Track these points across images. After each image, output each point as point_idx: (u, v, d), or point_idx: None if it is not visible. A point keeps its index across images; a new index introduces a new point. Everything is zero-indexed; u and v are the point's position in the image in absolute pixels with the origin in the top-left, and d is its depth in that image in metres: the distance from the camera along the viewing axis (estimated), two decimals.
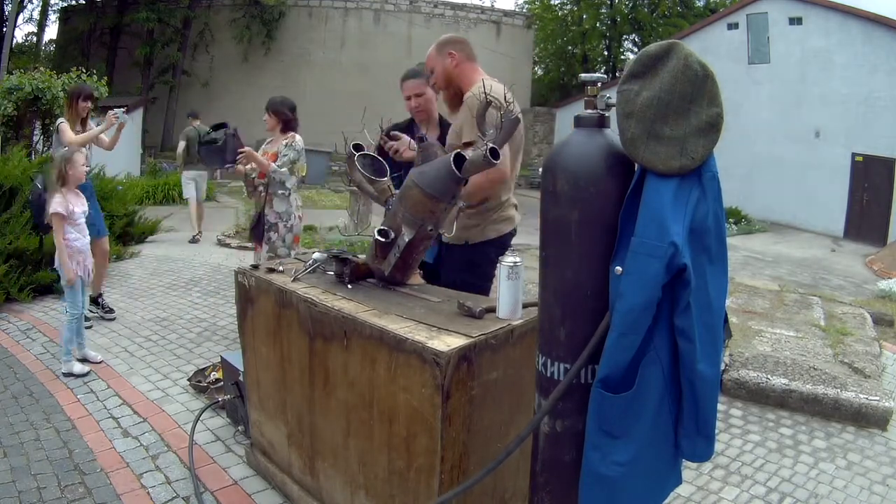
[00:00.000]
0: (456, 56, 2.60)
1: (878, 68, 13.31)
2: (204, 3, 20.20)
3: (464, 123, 2.46)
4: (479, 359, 1.70)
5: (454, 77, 2.62)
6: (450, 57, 2.60)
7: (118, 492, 2.40)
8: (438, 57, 2.62)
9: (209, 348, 3.99)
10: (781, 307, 5.47)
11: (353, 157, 2.20)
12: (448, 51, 2.60)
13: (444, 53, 2.61)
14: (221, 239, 7.90)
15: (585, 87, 1.45)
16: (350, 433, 1.96)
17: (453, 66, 2.60)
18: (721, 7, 20.75)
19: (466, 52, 2.64)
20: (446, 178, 1.96)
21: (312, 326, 2.04)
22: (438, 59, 2.62)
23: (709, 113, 1.31)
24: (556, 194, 1.40)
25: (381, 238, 2.04)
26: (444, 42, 2.66)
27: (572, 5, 25.92)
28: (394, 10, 21.03)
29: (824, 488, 2.74)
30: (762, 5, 15.68)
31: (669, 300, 1.33)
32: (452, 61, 2.60)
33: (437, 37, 2.76)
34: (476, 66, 2.66)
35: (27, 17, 22.28)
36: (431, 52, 2.67)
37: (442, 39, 2.69)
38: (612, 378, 1.34)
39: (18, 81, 7.35)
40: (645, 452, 1.38)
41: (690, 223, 1.31)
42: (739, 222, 14.48)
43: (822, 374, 3.64)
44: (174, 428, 2.92)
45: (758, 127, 15.47)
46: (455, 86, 2.63)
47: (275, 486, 2.46)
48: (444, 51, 2.61)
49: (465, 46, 2.65)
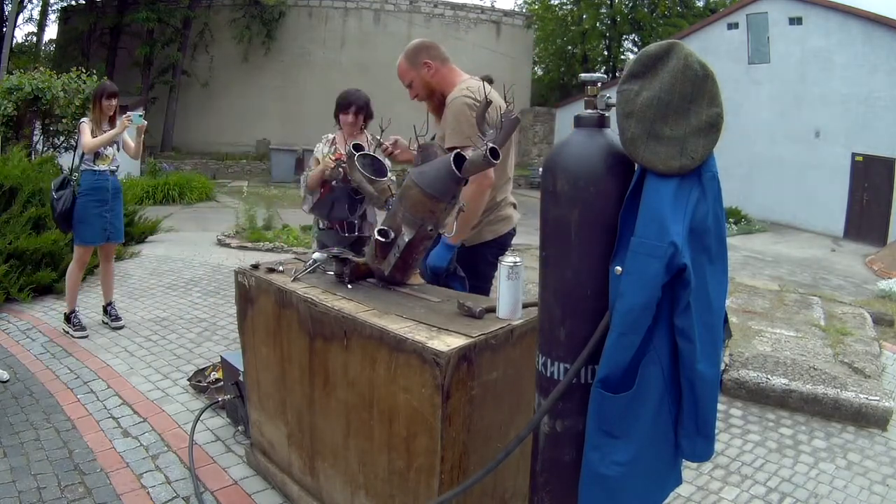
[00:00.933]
0: (432, 64, 2.49)
1: (878, 68, 13.31)
2: (204, 3, 20.18)
3: (447, 128, 2.37)
4: (479, 359, 1.70)
5: (435, 86, 2.51)
6: (426, 67, 2.48)
7: (118, 492, 2.40)
8: (413, 69, 2.51)
9: (209, 348, 3.99)
10: (781, 307, 5.47)
11: (353, 156, 2.20)
12: (423, 60, 2.49)
13: (418, 64, 2.49)
14: (221, 239, 7.91)
15: (585, 87, 1.45)
16: (350, 433, 1.97)
17: (431, 76, 2.50)
18: (721, 7, 20.74)
19: (441, 56, 2.52)
20: (446, 177, 1.96)
21: (312, 326, 2.04)
22: (413, 71, 2.51)
23: (709, 113, 1.31)
24: (556, 194, 1.40)
25: (381, 238, 2.04)
26: (415, 51, 2.52)
27: (572, 5, 25.91)
28: (394, 10, 21.02)
29: (824, 488, 2.74)
30: (762, 5, 15.68)
31: (669, 300, 1.33)
32: (429, 71, 2.49)
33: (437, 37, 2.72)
34: (452, 66, 2.56)
35: (27, 17, 22.30)
36: (402, 64, 2.53)
37: (410, 49, 2.54)
38: (611, 378, 1.34)
39: (18, 81, 7.35)
40: (645, 452, 1.38)
41: (690, 223, 1.31)
42: (739, 222, 14.47)
43: (822, 374, 3.64)
44: (174, 428, 2.92)
45: (758, 127, 15.47)
46: (438, 94, 2.51)
47: (275, 486, 2.46)
48: (417, 61, 2.49)
49: (437, 51, 2.54)
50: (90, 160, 4.03)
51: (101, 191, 4.07)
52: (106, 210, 4.09)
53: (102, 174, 4.07)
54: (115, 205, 4.18)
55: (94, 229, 4.07)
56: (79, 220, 4.02)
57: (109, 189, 4.12)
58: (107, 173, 4.08)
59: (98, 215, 4.06)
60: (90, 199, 4.01)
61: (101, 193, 4.07)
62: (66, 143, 7.84)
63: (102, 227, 4.10)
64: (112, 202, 4.14)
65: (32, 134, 7.71)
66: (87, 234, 4.08)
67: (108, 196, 4.10)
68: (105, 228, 4.12)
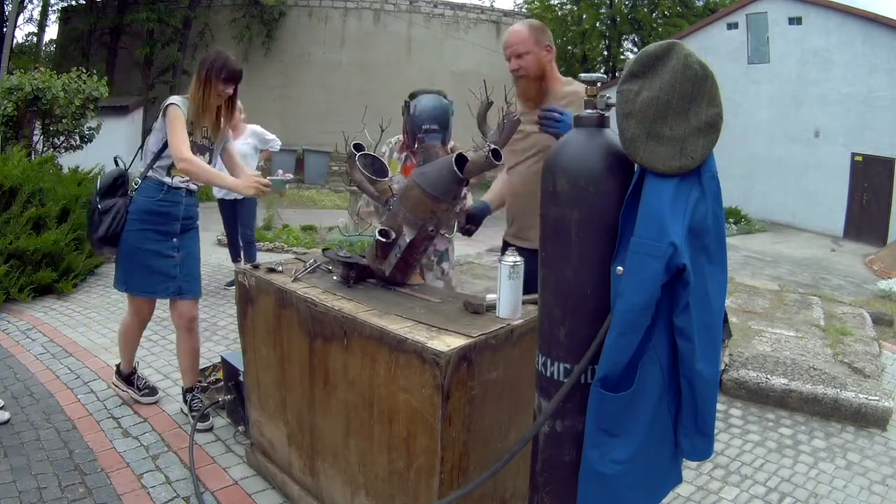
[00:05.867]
0: (553, 50, 2.45)
1: (878, 68, 13.30)
2: (204, 3, 20.17)
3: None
4: (479, 359, 1.70)
5: (547, 71, 2.45)
6: (547, 50, 2.43)
7: (118, 492, 2.40)
8: (536, 45, 2.41)
9: (209, 348, 3.99)
10: (781, 307, 5.47)
11: (353, 157, 2.20)
12: (547, 42, 2.43)
13: (542, 44, 2.42)
14: (221, 239, 7.89)
15: (585, 87, 1.46)
16: (350, 433, 1.97)
17: (549, 60, 2.44)
18: (721, 7, 20.72)
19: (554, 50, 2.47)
20: (448, 178, 1.96)
21: (312, 326, 2.04)
22: (536, 46, 2.41)
23: (708, 113, 1.31)
24: (556, 194, 1.40)
25: (381, 238, 2.04)
26: (542, 30, 2.45)
27: (572, 5, 25.89)
28: (394, 10, 21.01)
29: (824, 488, 2.74)
30: (762, 5, 15.67)
31: (668, 300, 1.33)
32: (549, 55, 2.44)
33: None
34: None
35: (27, 17, 22.29)
36: (525, 35, 2.41)
37: (538, 26, 2.47)
38: (611, 377, 1.35)
39: (18, 81, 7.34)
40: (644, 451, 1.38)
41: (690, 223, 1.31)
42: (739, 222, 14.47)
43: (822, 373, 3.64)
44: (174, 428, 2.92)
45: (757, 127, 15.47)
46: (541, 81, 2.45)
47: (275, 486, 2.46)
48: (543, 41, 2.42)
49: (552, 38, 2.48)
50: (162, 166, 2.73)
51: (167, 217, 2.76)
52: (172, 247, 2.79)
53: (173, 192, 2.75)
54: (187, 242, 2.86)
55: (151, 273, 2.77)
56: (128, 254, 2.75)
57: (180, 216, 2.79)
58: (180, 193, 2.77)
59: (158, 253, 2.75)
60: (149, 227, 2.73)
61: (166, 222, 2.76)
62: (66, 143, 7.83)
63: (166, 273, 2.78)
64: (184, 236, 2.83)
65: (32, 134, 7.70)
66: (138, 279, 2.78)
67: (176, 227, 2.79)
68: (171, 275, 2.79)
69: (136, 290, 2.82)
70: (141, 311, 2.93)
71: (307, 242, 7.82)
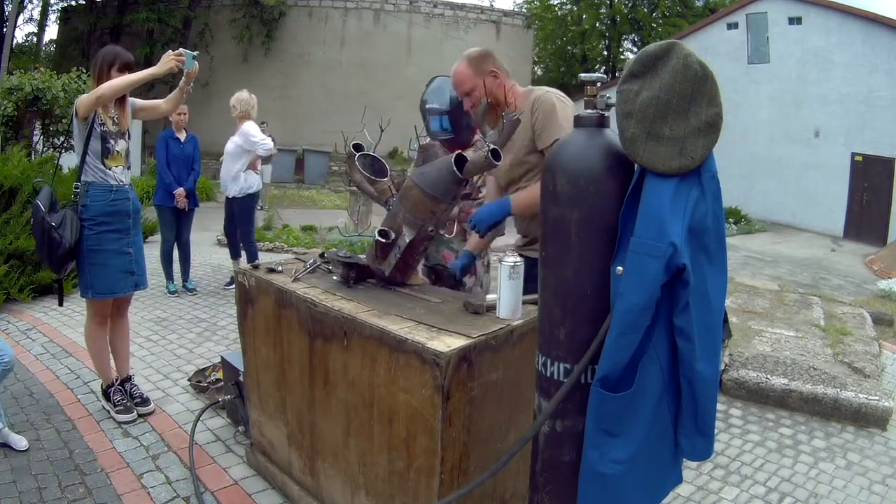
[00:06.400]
0: (499, 73, 2.31)
1: (878, 68, 13.31)
2: (204, 3, 20.18)
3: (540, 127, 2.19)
4: (479, 359, 1.70)
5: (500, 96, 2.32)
6: (492, 75, 2.29)
7: (118, 492, 2.40)
8: (477, 77, 2.28)
9: (209, 348, 3.99)
10: (781, 307, 5.47)
11: (353, 157, 2.20)
12: (489, 68, 2.29)
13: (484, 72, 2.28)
14: (222, 239, 7.89)
15: (585, 87, 1.46)
16: (350, 433, 1.97)
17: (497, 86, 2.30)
18: (721, 7, 20.73)
19: (504, 67, 2.34)
20: (447, 178, 1.96)
21: (312, 326, 2.04)
22: (477, 78, 2.28)
23: (708, 113, 1.31)
24: (556, 194, 1.40)
25: (381, 238, 2.04)
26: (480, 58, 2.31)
27: (572, 5, 25.91)
28: (394, 10, 21.01)
29: (824, 488, 2.74)
30: (762, 5, 15.68)
31: (668, 300, 1.33)
32: (496, 80, 2.30)
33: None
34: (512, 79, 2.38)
35: (27, 17, 22.30)
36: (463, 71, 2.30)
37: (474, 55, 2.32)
38: (611, 377, 1.34)
39: (18, 81, 7.33)
40: (644, 451, 1.38)
41: (690, 223, 1.31)
42: (739, 222, 14.47)
43: (822, 373, 3.64)
44: (174, 428, 2.92)
45: (757, 127, 15.47)
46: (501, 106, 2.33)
47: (275, 486, 2.46)
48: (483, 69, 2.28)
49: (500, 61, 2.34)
50: (95, 159, 2.77)
51: (119, 216, 2.85)
52: (127, 244, 2.89)
53: (120, 189, 2.84)
54: (136, 235, 2.96)
55: (114, 273, 2.85)
56: (90, 260, 2.80)
57: (130, 211, 2.90)
58: (126, 188, 2.88)
59: (117, 252, 2.85)
60: (105, 229, 2.81)
61: (120, 220, 2.85)
62: (66, 143, 7.83)
63: (126, 270, 2.89)
64: (133, 230, 2.93)
65: (32, 134, 7.70)
66: (102, 281, 2.84)
67: (128, 222, 2.88)
68: (130, 270, 2.91)
69: (101, 293, 2.87)
70: (102, 313, 2.98)
71: (307, 242, 7.82)
